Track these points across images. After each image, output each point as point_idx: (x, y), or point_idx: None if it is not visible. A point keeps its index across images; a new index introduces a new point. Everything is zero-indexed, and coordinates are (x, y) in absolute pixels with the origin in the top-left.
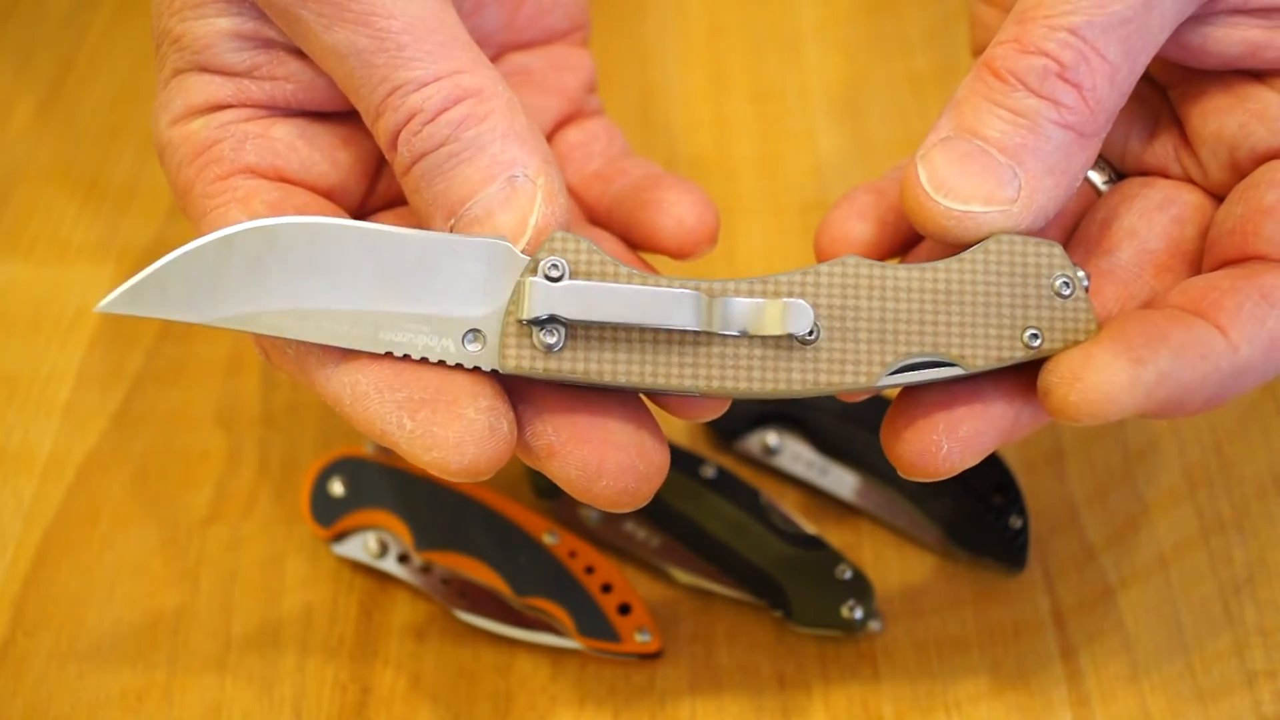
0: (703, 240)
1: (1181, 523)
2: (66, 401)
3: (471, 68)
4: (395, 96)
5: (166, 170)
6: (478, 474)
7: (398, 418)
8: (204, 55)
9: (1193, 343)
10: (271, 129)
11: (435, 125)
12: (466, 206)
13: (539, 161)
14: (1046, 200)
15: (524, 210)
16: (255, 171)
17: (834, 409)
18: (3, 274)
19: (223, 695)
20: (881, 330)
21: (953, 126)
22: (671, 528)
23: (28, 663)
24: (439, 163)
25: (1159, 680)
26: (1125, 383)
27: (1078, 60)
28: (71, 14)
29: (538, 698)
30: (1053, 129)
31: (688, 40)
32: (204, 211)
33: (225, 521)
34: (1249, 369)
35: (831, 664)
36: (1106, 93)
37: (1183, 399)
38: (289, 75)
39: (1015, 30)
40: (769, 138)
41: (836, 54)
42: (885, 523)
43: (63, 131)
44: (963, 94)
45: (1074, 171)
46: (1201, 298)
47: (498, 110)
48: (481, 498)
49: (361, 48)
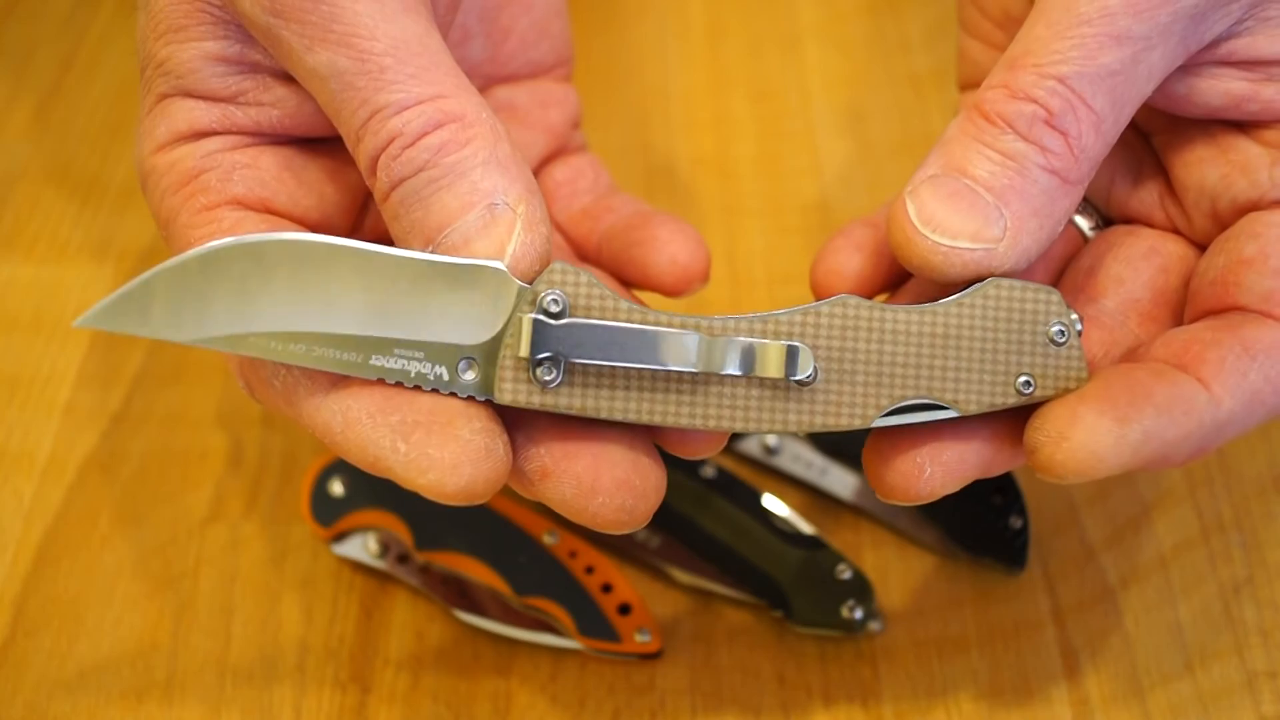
0: (695, 279)
1: (1181, 523)
2: (66, 401)
3: (454, 92)
4: (375, 120)
5: (149, 198)
6: (474, 496)
7: (391, 441)
8: (188, 80)
9: (1177, 399)
10: (259, 159)
11: (415, 150)
12: (444, 234)
13: (520, 189)
14: (1030, 242)
15: (501, 238)
16: (242, 203)
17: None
18: (3, 274)
19: (222, 695)
20: (879, 373)
21: (941, 164)
22: (671, 528)
23: (28, 663)
24: (418, 188)
25: (1159, 680)
26: (1111, 442)
27: (1065, 109)
28: (71, 14)
29: (538, 698)
30: (1039, 173)
31: (688, 40)
32: (188, 243)
33: (225, 521)
34: (1232, 422)
35: (831, 664)
36: (1091, 141)
37: (1167, 454)
38: (275, 101)
39: (1005, 76)
40: (769, 138)
41: (836, 54)
42: (885, 523)
43: (63, 131)
44: (952, 133)
45: (1058, 215)
46: (1184, 350)
47: (480, 136)
48: None
49: (342, 69)
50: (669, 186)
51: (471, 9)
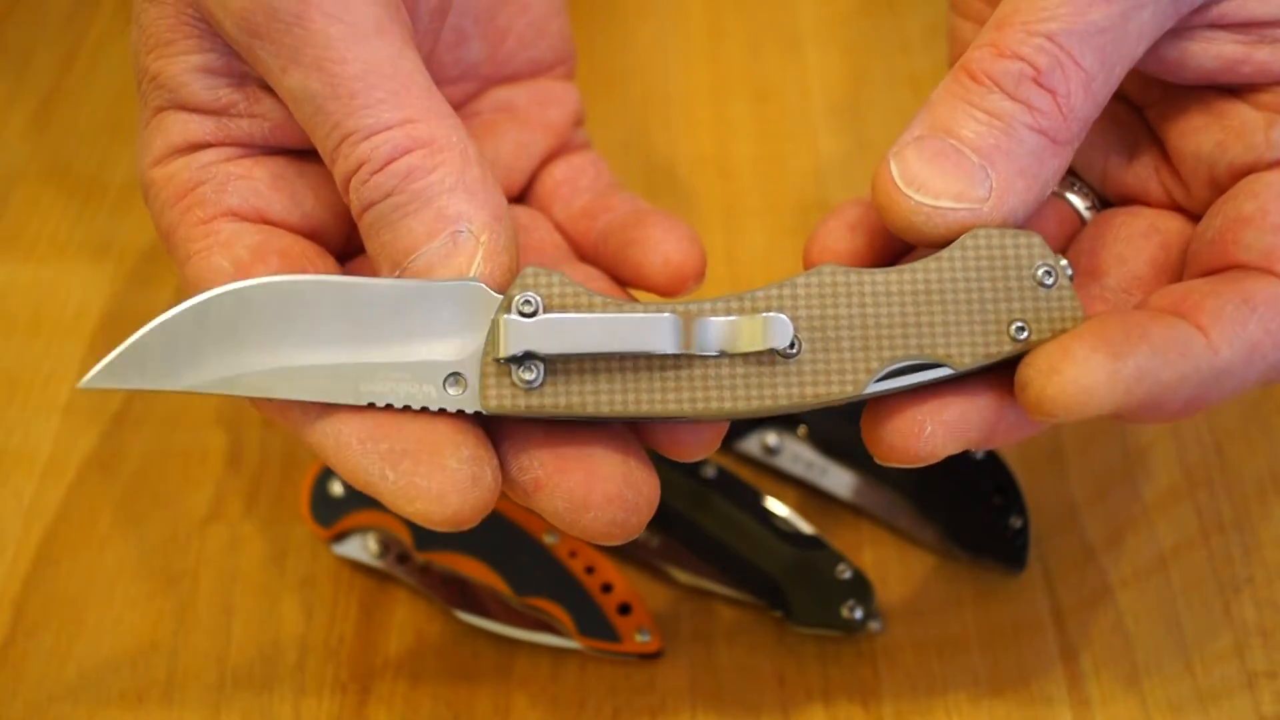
0: (689, 278)
1: (1181, 523)
2: (66, 401)
3: (424, 116)
4: (346, 145)
5: (151, 211)
6: (460, 524)
7: (380, 469)
8: (180, 93)
9: (1173, 340)
10: (253, 170)
11: (382, 176)
12: (410, 259)
13: (485, 217)
14: (1017, 202)
15: (461, 267)
16: (238, 214)
17: (834, 409)
18: (3, 274)
19: (222, 695)
20: (864, 337)
21: (927, 126)
22: (671, 528)
23: (28, 663)
24: (385, 213)
25: (1159, 680)
26: (1103, 377)
27: (1053, 66)
28: (71, 14)
29: (538, 698)
30: (1026, 132)
31: (688, 40)
32: (187, 255)
33: (225, 521)
34: (1229, 372)
35: (831, 664)
36: (1081, 100)
37: (1161, 398)
38: (264, 113)
39: (993, 35)
40: (769, 138)
41: (836, 54)
42: (885, 523)
43: (63, 131)
44: (938, 95)
45: (1045, 177)
46: (1183, 299)
47: (447, 162)
48: None
49: (315, 93)
50: (669, 186)
51: (466, 11)
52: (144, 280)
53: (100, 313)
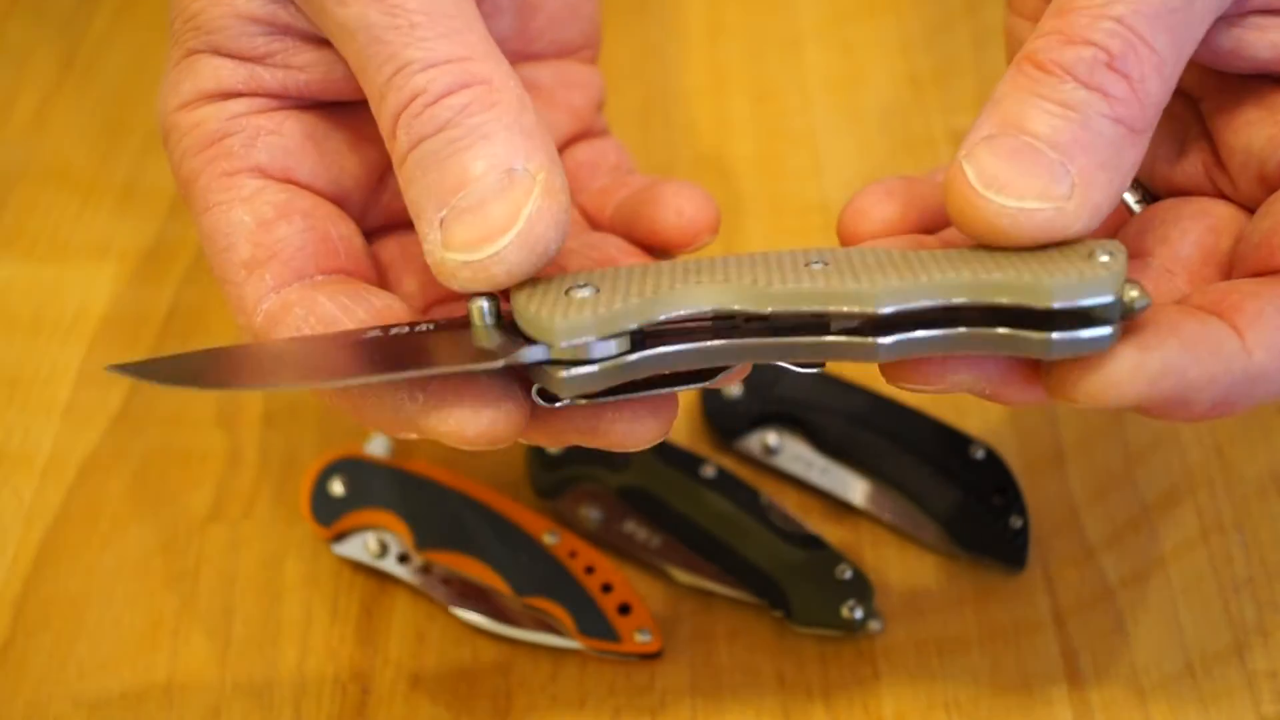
0: (703, 230)
1: (1181, 523)
2: (66, 401)
3: (484, 57)
4: (400, 75)
5: (170, 155)
6: (496, 439)
7: (408, 390)
8: (218, 36)
9: (1205, 339)
10: (283, 125)
11: (438, 108)
12: (459, 195)
13: (543, 157)
14: (1101, 198)
15: (518, 202)
16: (264, 172)
17: (834, 409)
18: (3, 274)
19: (222, 695)
20: None
21: (996, 124)
22: (671, 528)
23: (28, 663)
24: (437, 148)
25: (1159, 680)
26: (1129, 367)
27: (1126, 50)
28: (71, 14)
29: (538, 698)
30: (1104, 122)
31: (688, 40)
32: (207, 206)
33: (225, 521)
34: (1264, 377)
35: (831, 664)
36: (1155, 85)
37: (1188, 396)
38: (303, 65)
39: (1057, 23)
40: (769, 138)
41: (836, 54)
42: (885, 523)
43: (63, 131)
44: (1004, 90)
45: (1126, 168)
46: (1223, 299)
47: (503, 102)
48: (481, 498)
49: (373, 23)
50: None
51: None
52: (144, 280)
53: (100, 313)
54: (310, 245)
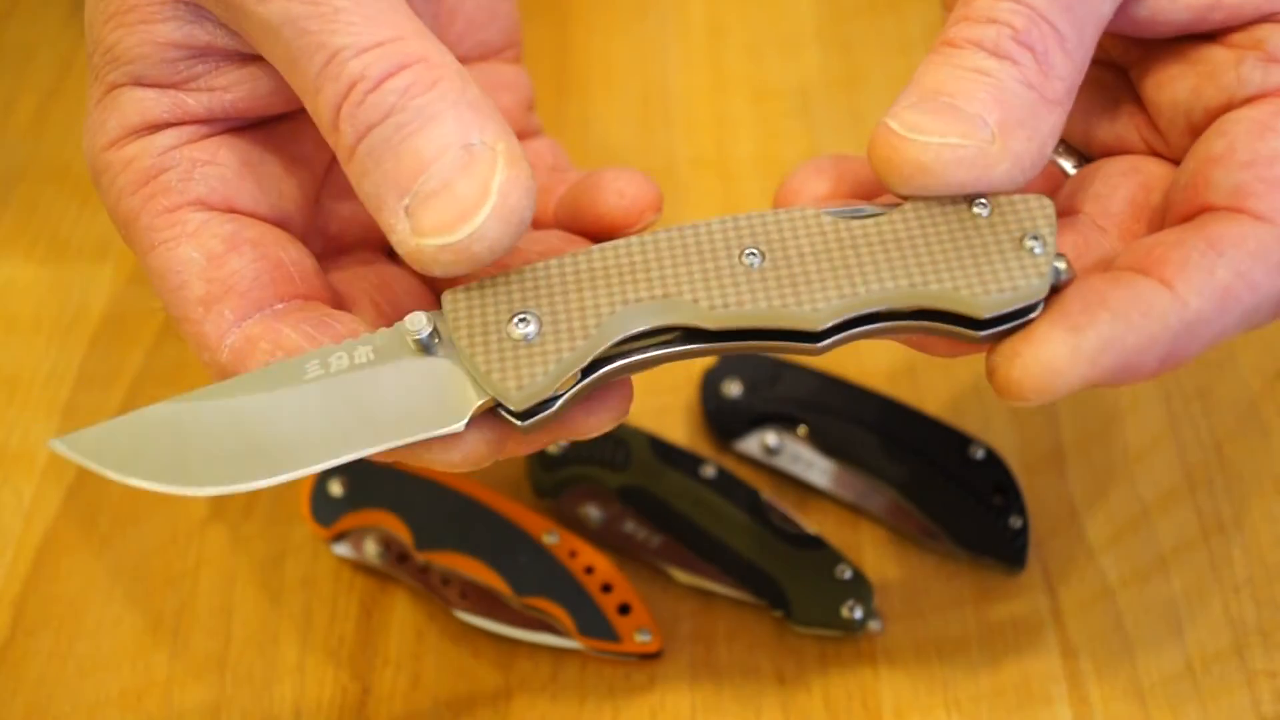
0: (646, 208)
1: (1181, 523)
2: (66, 401)
3: (415, 34)
4: (334, 64)
5: (105, 197)
6: (473, 466)
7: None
8: (138, 65)
9: (1135, 302)
10: (218, 154)
11: (379, 93)
12: (420, 181)
13: (496, 127)
14: (1022, 149)
15: (485, 176)
16: (205, 204)
17: (834, 409)
18: (3, 274)
19: (223, 695)
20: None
21: (917, 94)
22: (671, 528)
23: (28, 663)
24: (386, 135)
25: (1159, 680)
26: (1066, 353)
27: (1029, 25)
28: (71, 14)
29: (538, 698)
30: (1015, 85)
31: (688, 40)
32: (152, 245)
33: (225, 521)
34: (1202, 322)
35: (831, 664)
36: (1059, 60)
37: (1132, 362)
38: (227, 85)
39: (964, 10)
40: (769, 138)
41: (836, 53)
42: (885, 523)
43: (63, 131)
44: (923, 69)
45: (1044, 132)
46: (1147, 255)
47: (446, 78)
48: (481, 498)
49: (296, 15)
50: (669, 186)
51: None
52: (144, 280)
53: (100, 313)
54: (264, 274)
